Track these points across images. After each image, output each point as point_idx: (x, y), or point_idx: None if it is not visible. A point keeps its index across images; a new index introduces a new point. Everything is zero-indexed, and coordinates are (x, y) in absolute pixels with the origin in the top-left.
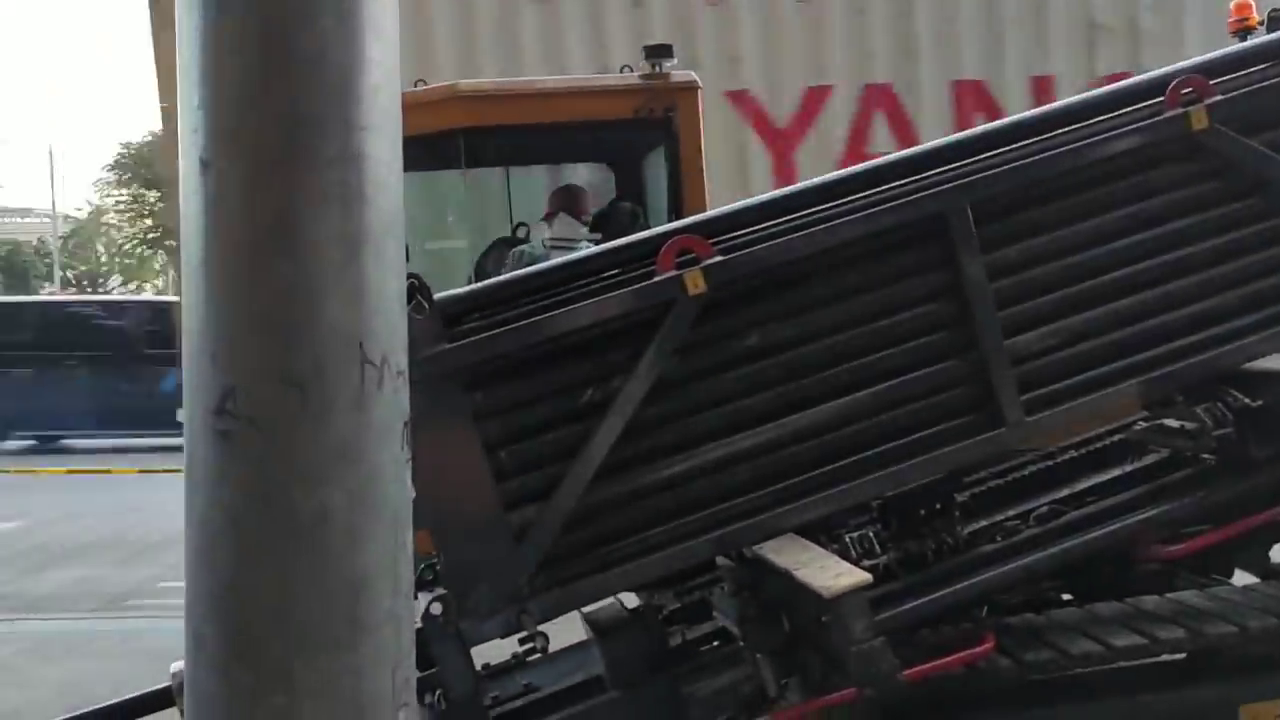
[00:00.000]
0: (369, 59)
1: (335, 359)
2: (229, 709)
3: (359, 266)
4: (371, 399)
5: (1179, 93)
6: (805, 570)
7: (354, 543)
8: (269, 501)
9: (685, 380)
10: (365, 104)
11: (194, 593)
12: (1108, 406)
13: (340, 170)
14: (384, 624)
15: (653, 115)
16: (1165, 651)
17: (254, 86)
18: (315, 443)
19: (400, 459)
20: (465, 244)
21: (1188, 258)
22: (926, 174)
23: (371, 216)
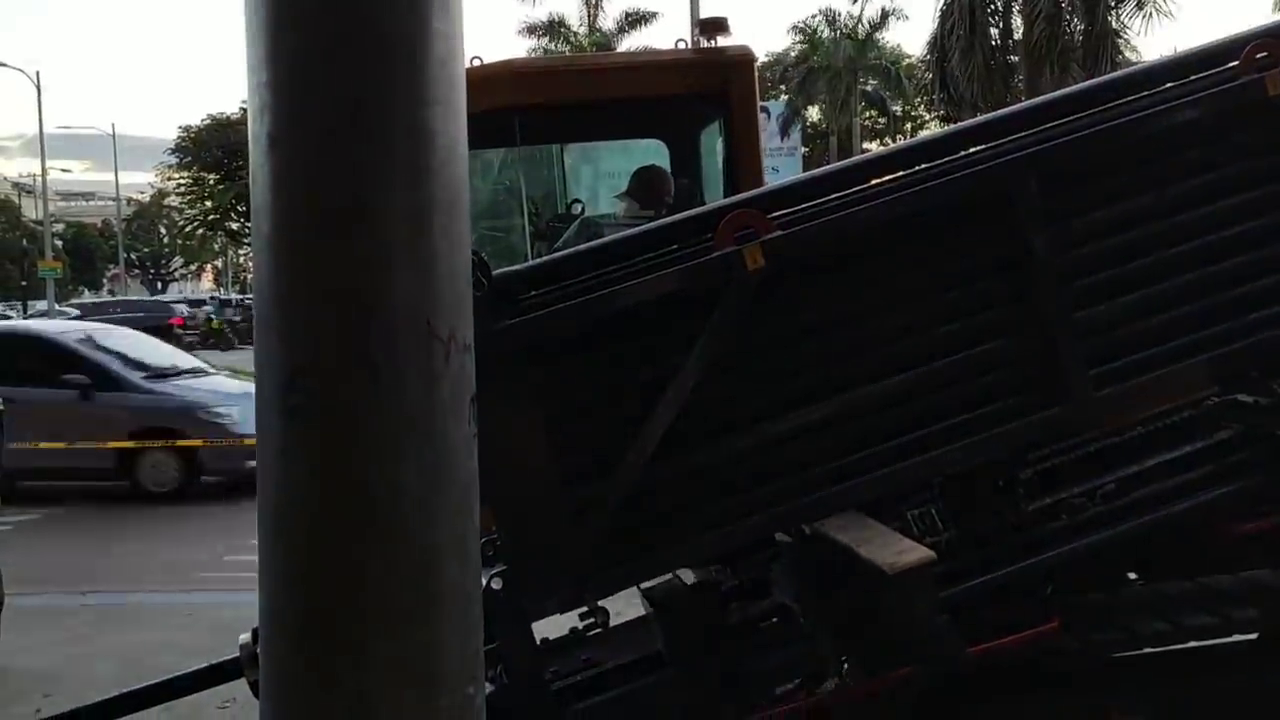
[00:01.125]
0: (434, 30)
1: (404, 334)
2: (304, 682)
3: (426, 241)
4: (440, 374)
5: (1253, 57)
6: (868, 547)
7: (425, 518)
8: (340, 477)
9: (744, 356)
10: (431, 77)
11: (267, 568)
12: (1179, 382)
13: (407, 144)
14: (454, 598)
15: (708, 89)
16: (1237, 631)
17: (319, 62)
18: (385, 418)
19: (468, 434)
20: (521, 221)
21: (1261, 228)
22: (990, 145)
23: (438, 191)
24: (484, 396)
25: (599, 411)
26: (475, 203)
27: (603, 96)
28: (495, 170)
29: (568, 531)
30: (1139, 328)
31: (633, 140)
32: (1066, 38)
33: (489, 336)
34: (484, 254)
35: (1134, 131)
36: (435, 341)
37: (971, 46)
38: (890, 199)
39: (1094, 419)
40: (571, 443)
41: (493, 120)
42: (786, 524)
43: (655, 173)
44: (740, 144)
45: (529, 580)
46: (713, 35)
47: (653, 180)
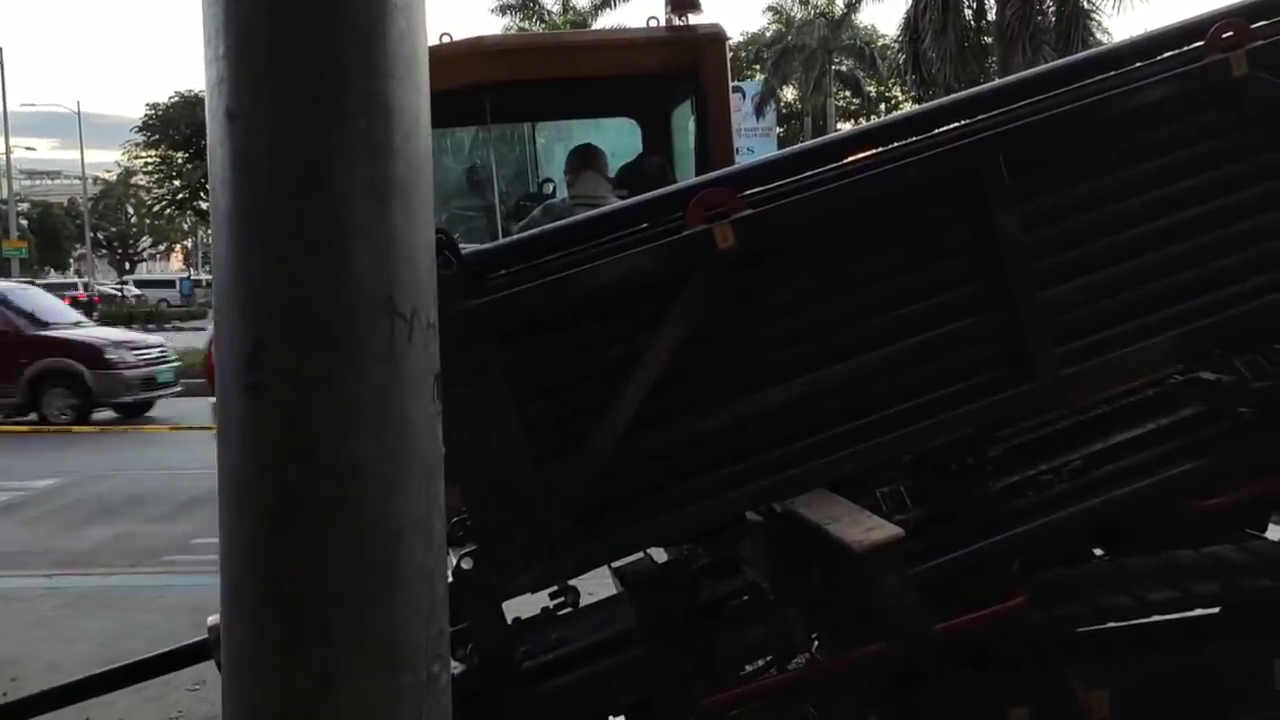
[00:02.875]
0: (394, 5)
1: (365, 311)
2: (264, 660)
3: (387, 218)
4: (402, 351)
5: (1218, 37)
6: (837, 525)
7: (387, 495)
8: (301, 454)
9: (715, 334)
10: (391, 52)
11: (228, 545)
12: (1144, 360)
13: (367, 120)
14: (418, 576)
15: (679, 68)
16: (1199, 605)
17: (279, 35)
18: (347, 395)
19: (431, 412)
20: (490, 201)
21: (1227, 207)
22: (959, 124)
23: (399, 167)
24: (454, 375)
25: (569, 390)
26: (446, 182)
27: (574, 75)
28: (466, 149)
29: (538, 511)
30: (1104, 306)
31: (605, 119)
32: (1039, 19)
33: (458, 315)
34: (455, 233)
35: (1100, 111)
36: (397, 319)
37: (945, 27)
38: (859, 178)
39: (1060, 397)
40: (542, 421)
41: (463, 98)
42: (757, 502)
43: (595, 150)
44: (712, 122)
45: (499, 559)
46: (684, 13)
47: (598, 156)
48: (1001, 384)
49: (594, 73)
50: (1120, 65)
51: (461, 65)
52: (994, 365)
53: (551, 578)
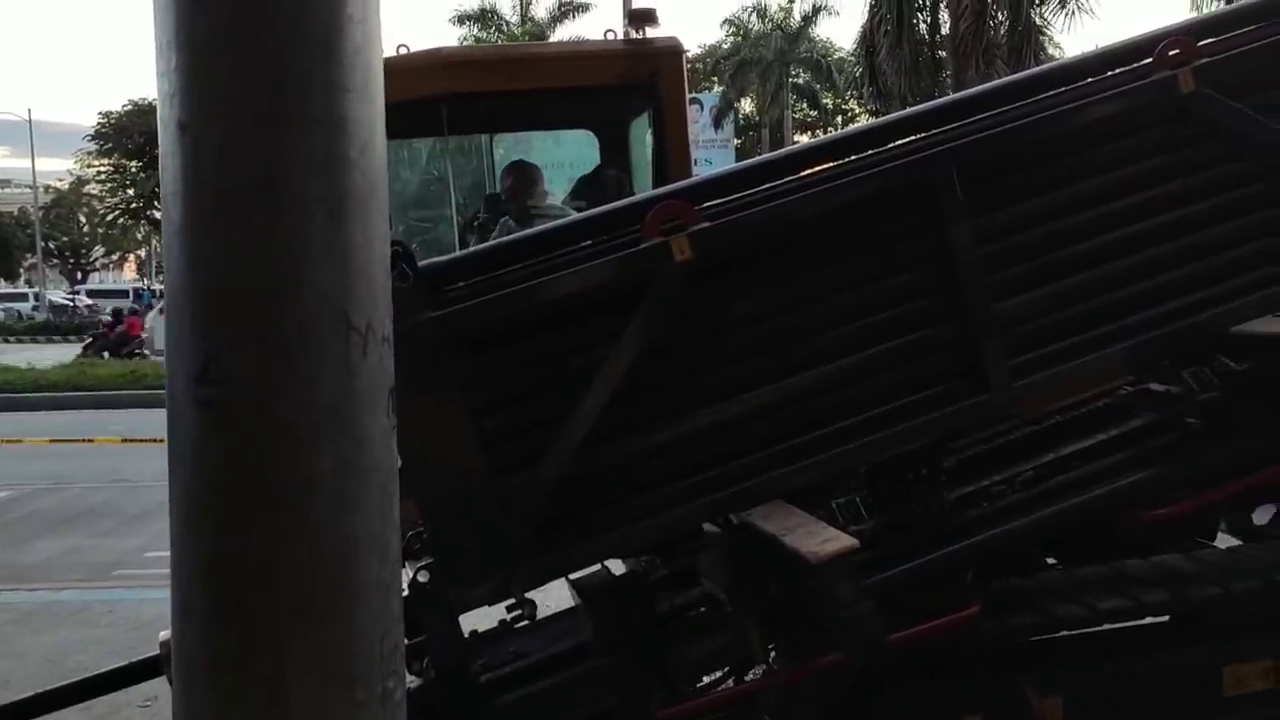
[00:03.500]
0: (349, 17)
1: (320, 325)
2: (216, 677)
3: (343, 231)
4: (357, 365)
5: (1166, 54)
6: (792, 536)
7: (342, 510)
8: (254, 469)
9: (673, 346)
10: (348, 64)
11: (179, 561)
12: (1095, 371)
13: (322, 132)
14: (372, 591)
15: (636, 80)
16: (1149, 614)
17: (233, 48)
18: (301, 409)
19: (387, 426)
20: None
21: (1174, 221)
22: (914, 138)
23: (355, 180)
24: (411, 388)
25: (527, 402)
26: (403, 193)
27: (531, 86)
28: (424, 160)
29: (495, 523)
30: (1056, 319)
31: (564, 131)
32: (991, 33)
33: (415, 328)
34: (414, 244)
35: (1051, 126)
36: (352, 333)
37: (900, 41)
38: (814, 191)
39: (1013, 408)
40: (499, 434)
41: (420, 109)
42: (714, 514)
43: (530, 165)
44: (669, 135)
45: (456, 573)
46: (641, 26)
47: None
48: (956, 395)
49: (551, 84)
50: (1072, 81)
51: (419, 76)
52: (948, 377)
53: (509, 590)
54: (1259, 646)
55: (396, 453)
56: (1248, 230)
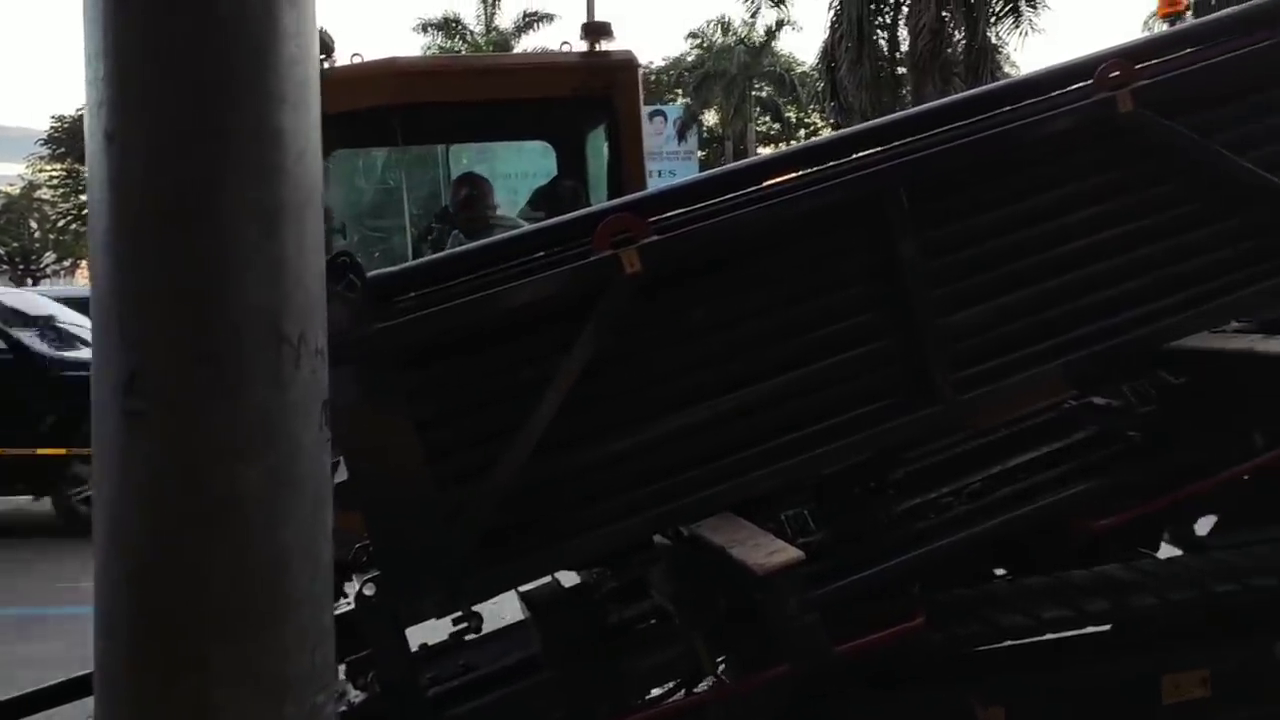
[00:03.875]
0: (284, 29)
1: (251, 337)
2: (139, 694)
3: (275, 242)
4: (290, 377)
5: (1106, 76)
6: (740, 548)
7: (273, 523)
8: (181, 481)
9: (622, 358)
10: (282, 75)
11: (104, 573)
12: (1039, 384)
13: (256, 143)
14: (303, 605)
15: (591, 93)
16: (1091, 623)
17: (162, 58)
18: (230, 422)
19: (320, 438)
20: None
21: (1115, 238)
22: (862, 154)
23: (289, 190)
24: (358, 399)
25: (476, 414)
26: (358, 203)
27: (486, 98)
28: (378, 170)
29: (443, 535)
30: (1001, 333)
31: (522, 142)
32: (949, 51)
33: (362, 339)
34: (375, 253)
35: (994, 145)
36: (284, 344)
37: (860, 57)
38: (764, 205)
39: (959, 421)
40: (447, 446)
41: (373, 119)
42: (664, 526)
43: (480, 177)
44: (624, 147)
45: (402, 585)
46: (596, 39)
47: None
48: (904, 408)
49: (505, 96)
50: (1016, 100)
51: (373, 86)
52: (897, 390)
53: (456, 603)
54: (1196, 655)
55: (329, 464)
56: (1186, 247)
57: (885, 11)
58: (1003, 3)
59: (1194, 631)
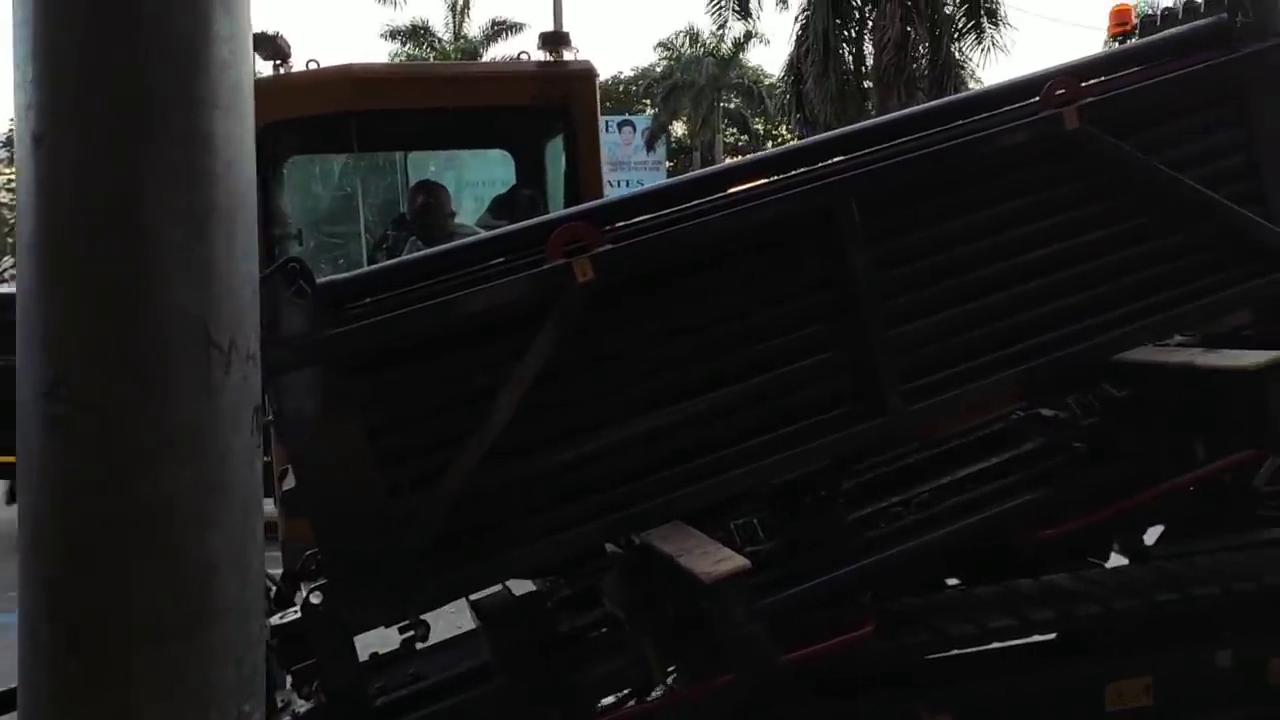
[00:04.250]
0: (216, 33)
1: (179, 343)
2: (62, 703)
3: (205, 247)
4: (219, 383)
5: (1053, 93)
6: (688, 556)
7: (201, 530)
8: (107, 488)
9: (575, 366)
10: (213, 80)
11: (26, 582)
12: (987, 396)
13: (186, 148)
14: (230, 613)
15: (549, 103)
16: (1036, 632)
17: (91, 62)
18: (158, 428)
19: (250, 444)
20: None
21: (1062, 253)
22: (814, 166)
23: (219, 196)
24: (306, 405)
25: (427, 421)
26: (314, 209)
27: (443, 105)
28: (335, 176)
29: (392, 543)
30: (950, 345)
31: (480, 150)
32: (913, 66)
33: (312, 345)
34: (333, 260)
35: (944, 159)
36: (214, 350)
37: (826, 70)
38: (717, 216)
39: (909, 431)
40: (398, 452)
41: (330, 125)
42: (615, 534)
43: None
44: (581, 157)
45: (350, 594)
46: (554, 49)
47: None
48: (855, 418)
49: (464, 104)
50: (967, 116)
51: (328, 92)
52: (847, 400)
53: (405, 611)
54: (1139, 664)
55: (260, 472)
56: (1130, 263)
57: (851, 26)
58: (966, 19)
59: (1138, 641)
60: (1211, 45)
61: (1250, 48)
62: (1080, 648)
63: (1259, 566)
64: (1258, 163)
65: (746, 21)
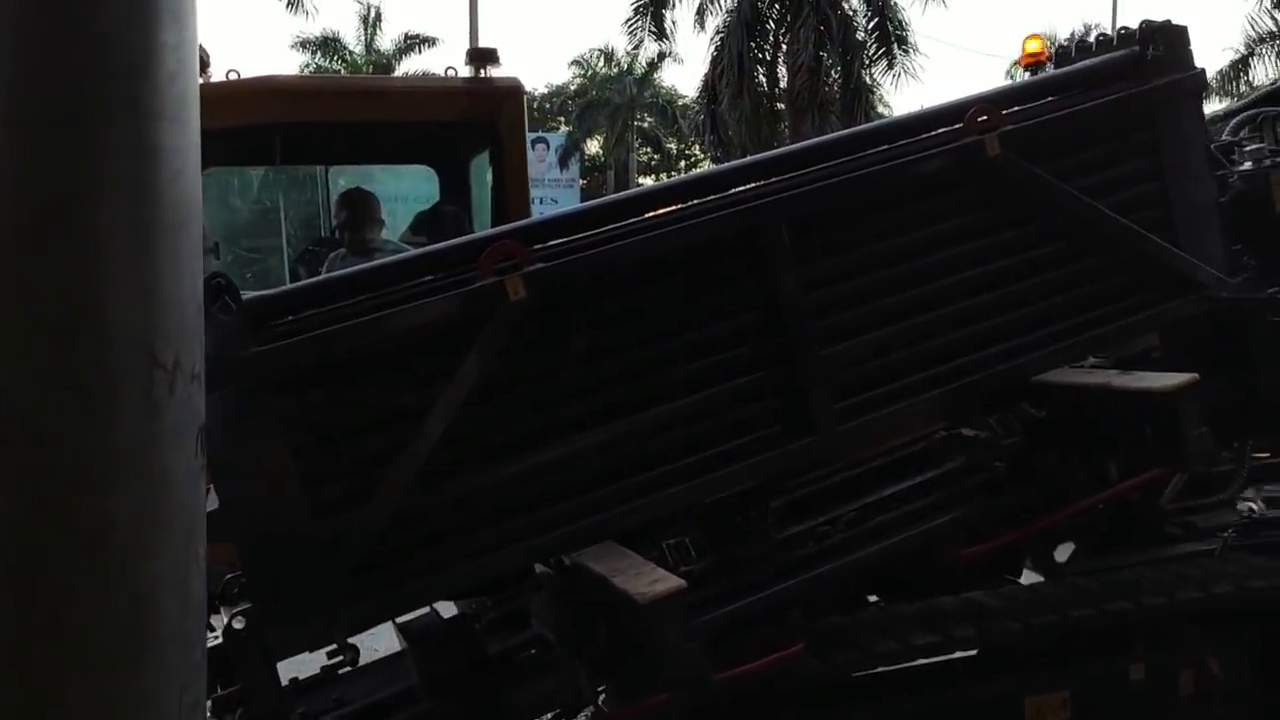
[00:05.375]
0: (162, 43)
1: (122, 360)
2: None
3: (149, 263)
4: (162, 403)
5: (974, 120)
6: (621, 577)
7: (141, 555)
8: (44, 511)
9: (505, 385)
10: (160, 91)
11: None
12: (913, 416)
13: (130, 160)
14: (172, 641)
15: (476, 119)
16: (958, 649)
17: (30, 70)
18: (98, 449)
19: (194, 466)
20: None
21: (983, 275)
22: (745, 187)
23: (165, 210)
24: (231, 425)
25: (354, 440)
26: (232, 222)
27: (368, 119)
28: (255, 189)
29: (319, 565)
30: (877, 366)
31: (404, 165)
32: (826, 90)
33: (237, 363)
34: (249, 275)
35: (871, 182)
36: (157, 369)
37: (740, 92)
38: (648, 236)
39: (838, 451)
40: (324, 473)
41: (250, 137)
42: (546, 554)
43: (368, 194)
44: (508, 174)
45: (275, 618)
46: (482, 65)
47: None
48: (785, 438)
49: (389, 119)
50: (893, 140)
51: (249, 103)
52: (778, 420)
53: (330, 635)
54: (1057, 678)
55: (204, 494)
56: (1049, 286)
57: (765, 49)
58: (877, 45)
59: (1055, 656)
60: (1125, 77)
61: (1160, 80)
62: (1000, 663)
63: (1169, 582)
64: (1167, 191)
65: (662, 42)
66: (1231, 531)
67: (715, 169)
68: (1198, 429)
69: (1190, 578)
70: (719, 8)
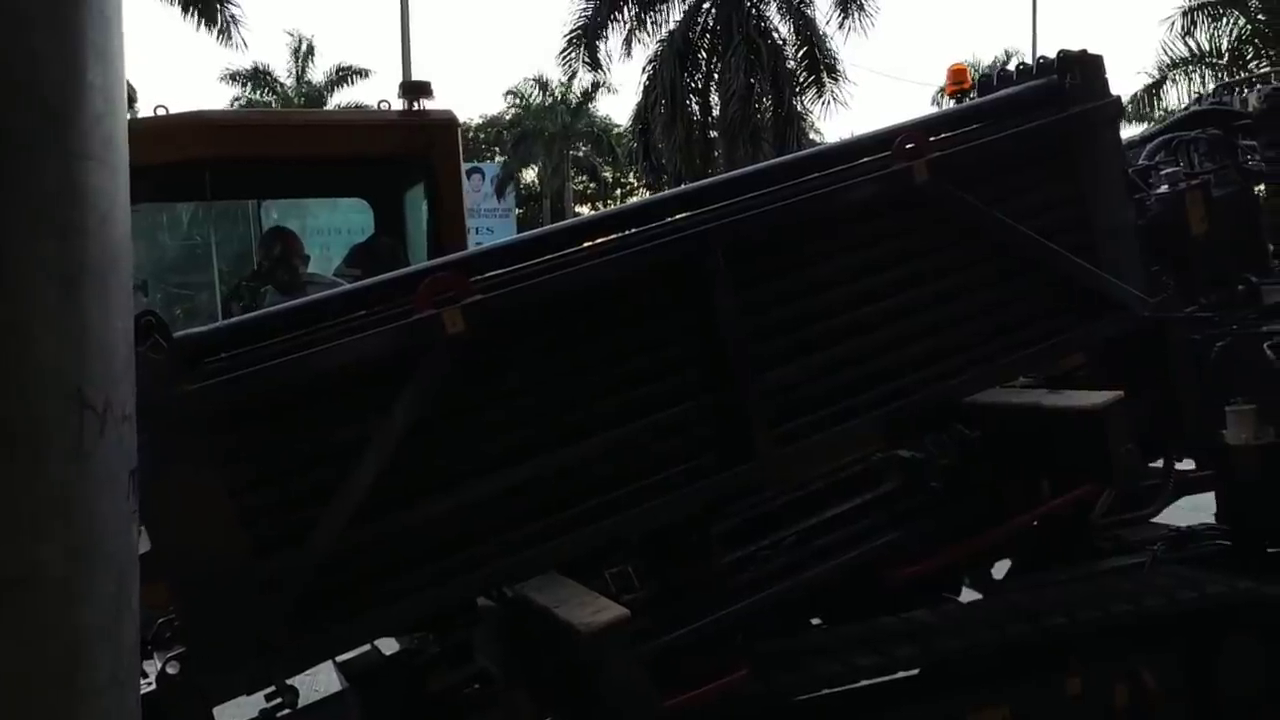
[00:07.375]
0: (90, 85)
1: (50, 404)
2: None
3: (77, 305)
4: (92, 446)
5: (902, 147)
6: (564, 608)
7: (70, 603)
8: None
9: (444, 418)
10: (86, 132)
11: None
12: (851, 439)
13: (57, 202)
14: (105, 690)
15: (410, 152)
16: (901, 668)
17: None
18: (26, 495)
19: (126, 510)
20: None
21: (914, 299)
22: (681, 215)
23: (93, 251)
24: (162, 464)
25: (290, 478)
26: (162, 259)
27: (301, 154)
28: (184, 225)
29: (256, 605)
30: (814, 389)
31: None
32: (758, 117)
33: (169, 401)
34: (176, 312)
35: (804, 209)
36: (87, 411)
37: (673, 120)
38: (585, 265)
39: (777, 475)
40: (261, 511)
41: (182, 173)
42: (488, 587)
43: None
44: (443, 206)
45: (211, 660)
46: (416, 98)
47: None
48: (723, 464)
49: (323, 153)
50: (824, 167)
51: (180, 139)
52: (716, 446)
53: (268, 676)
54: (998, 693)
55: (136, 538)
56: (978, 308)
57: (697, 77)
58: (807, 74)
59: (996, 671)
60: (1045, 104)
61: (1077, 108)
62: (942, 680)
63: (1102, 595)
64: (1088, 215)
65: (596, 72)
66: (1160, 545)
67: (652, 197)
68: (1124, 445)
69: (1122, 591)
70: (649, 37)
